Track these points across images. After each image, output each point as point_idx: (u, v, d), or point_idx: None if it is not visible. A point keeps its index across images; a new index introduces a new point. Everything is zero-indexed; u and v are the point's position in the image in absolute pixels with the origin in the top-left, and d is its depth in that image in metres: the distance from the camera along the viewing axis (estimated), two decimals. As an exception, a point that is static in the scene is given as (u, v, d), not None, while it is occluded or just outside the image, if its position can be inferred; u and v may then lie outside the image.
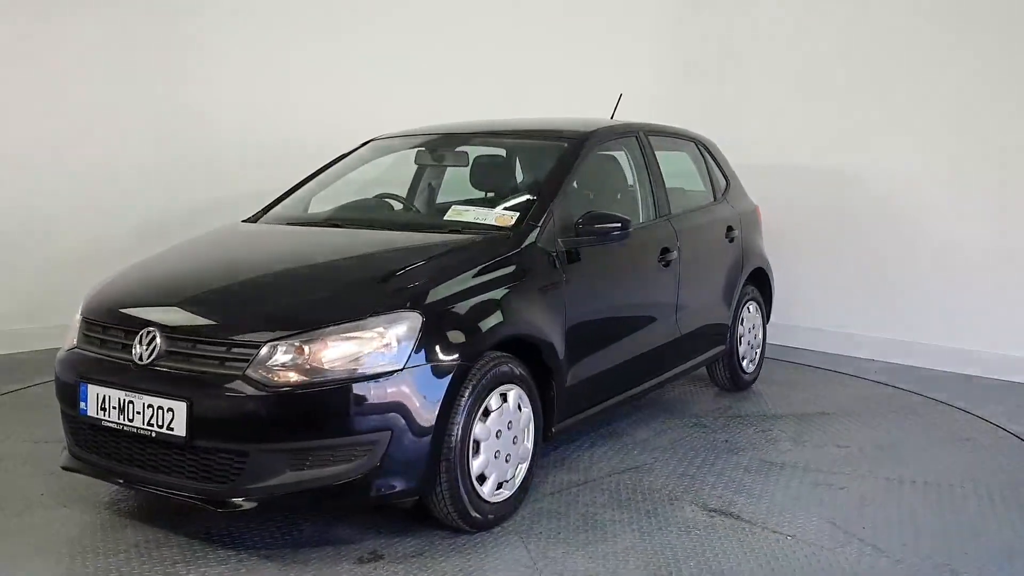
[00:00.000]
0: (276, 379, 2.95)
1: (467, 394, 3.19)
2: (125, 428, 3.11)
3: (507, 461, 3.41)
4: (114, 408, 3.14)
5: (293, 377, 2.96)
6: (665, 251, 4.48)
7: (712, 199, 5.31)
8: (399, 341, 3.05)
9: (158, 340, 3.12)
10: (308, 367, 2.97)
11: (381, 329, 3.04)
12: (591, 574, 3.06)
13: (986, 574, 3.11)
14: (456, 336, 3.21)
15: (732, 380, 5.41)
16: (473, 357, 3.22)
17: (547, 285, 3.69)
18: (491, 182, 4.61)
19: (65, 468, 3.41)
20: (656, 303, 4.50)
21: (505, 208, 4.03)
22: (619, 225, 3.85)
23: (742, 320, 5.41)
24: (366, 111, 6.76)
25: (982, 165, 5.91)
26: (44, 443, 4.27)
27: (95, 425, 3.22)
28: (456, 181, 5.21)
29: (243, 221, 4.43)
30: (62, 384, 3.41)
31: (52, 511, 3.52)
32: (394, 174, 4.97)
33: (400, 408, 3.03)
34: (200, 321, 3.21)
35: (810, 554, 3.24)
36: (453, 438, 3.15)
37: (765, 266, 5.65)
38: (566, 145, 4.25)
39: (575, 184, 4.23)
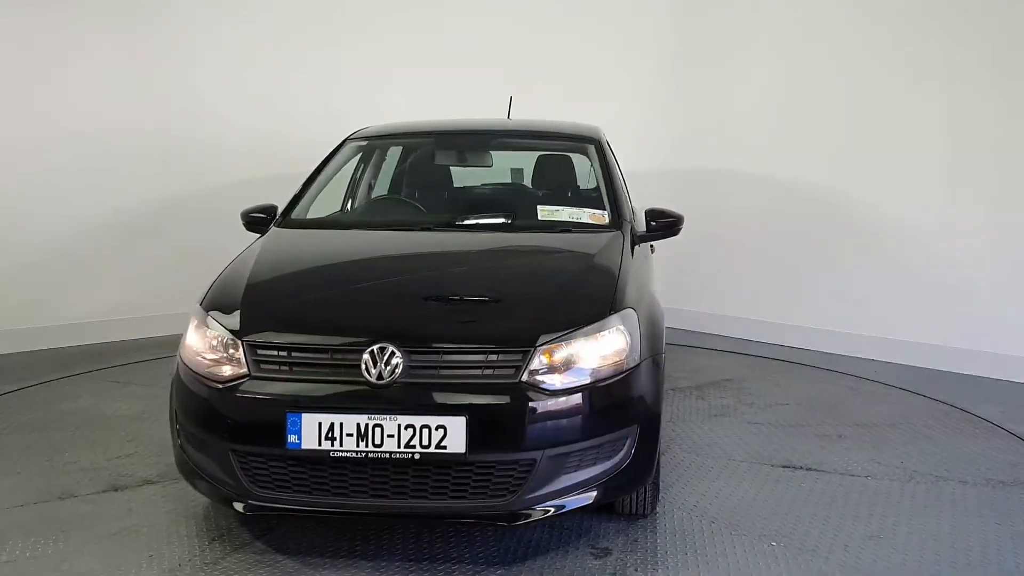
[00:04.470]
0: (550, 383, 2.91)
1: (663, 384, 3.37)
2: (369, 455, 2.82)
3: (656, 445, 3.64)
4: (349, 435, 2.83)
5: (561, 379, 2.94)
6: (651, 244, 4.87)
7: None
8: (631, 337, 3.14)
9: (398, 356, 2.87)
10: (572, 368, 2.97)
11: (619, 327, 3.11)
12: (796, 530, 3.43)
13: None
14: (653, 330, 3.36)
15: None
16: (663, 348, 3.40)
17: (649, 277, 3.94)
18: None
19: (251, 513, 2.96)
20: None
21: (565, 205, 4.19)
22: (677, 220, 4.17)
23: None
24: (364, 108, 6.45)
25: (980, 164, 5.89)
26: (61, 499, 3.54)
27: (312, 459, 2.86)
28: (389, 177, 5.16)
29: (276, 226, 4.00)
30: (245, 423, 2.95)
31: (206, 571, 3.02)
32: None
33: (642, 402, 3.14)
34: (447, 332, 3.02)
35: (897, 489, 3.89)
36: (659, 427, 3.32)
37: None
38: (593, 147, 4.46)
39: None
